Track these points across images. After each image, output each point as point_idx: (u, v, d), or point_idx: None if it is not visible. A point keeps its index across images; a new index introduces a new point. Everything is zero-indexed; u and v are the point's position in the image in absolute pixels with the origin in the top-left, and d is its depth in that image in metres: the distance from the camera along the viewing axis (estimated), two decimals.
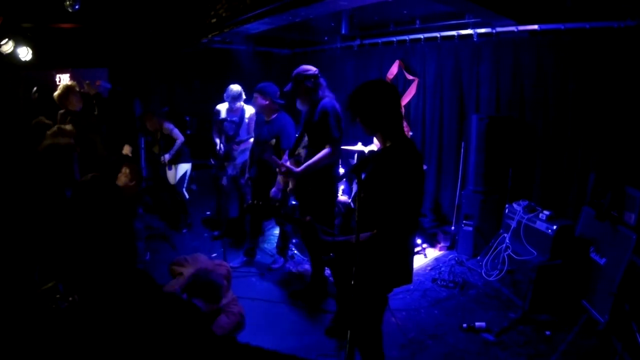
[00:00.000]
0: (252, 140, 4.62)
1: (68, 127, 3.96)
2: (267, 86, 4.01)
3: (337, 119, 3.23)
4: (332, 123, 3.20)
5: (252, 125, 4.83)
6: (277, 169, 3.34)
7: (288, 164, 3.37)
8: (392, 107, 2.09)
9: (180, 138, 5.20)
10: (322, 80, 3.35)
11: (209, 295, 3.19)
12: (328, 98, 3.31)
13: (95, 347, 1.70)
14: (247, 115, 4.88)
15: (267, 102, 3.99)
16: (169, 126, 5.17)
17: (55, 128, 3.91)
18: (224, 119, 4.77)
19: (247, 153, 4.86)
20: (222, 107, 4.96)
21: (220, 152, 4.74)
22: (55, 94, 4.37)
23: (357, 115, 2.14)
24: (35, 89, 4.69)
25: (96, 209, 2.57)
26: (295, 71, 3.40)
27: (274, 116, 4.05)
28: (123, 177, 3.82)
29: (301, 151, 3.40)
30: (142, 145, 5.86)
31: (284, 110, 4.09)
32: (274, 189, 3.80)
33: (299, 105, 3.42)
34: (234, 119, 4.83)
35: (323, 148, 3.22)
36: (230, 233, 4.98)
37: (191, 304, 3.06)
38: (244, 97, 4.87)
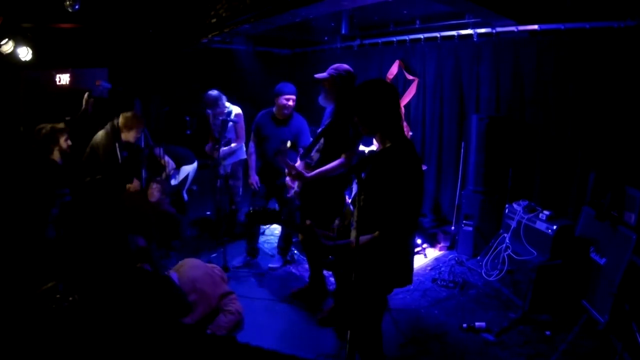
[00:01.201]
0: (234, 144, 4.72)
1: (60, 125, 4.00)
2: (293, 86, 3.96)
3: (357, 129, 3.07)
4: (352, 133, 3.09)
5: (241, 125, 4.82)
6: (287, 172, 3.27)
7: (299, 166, 3.29)
8: (391, 107, 2.08)
9: (170, 164, 5.02)
10: None
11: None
12: None
13: (96, 347, 1.70)
14: (232, 116, 4.75)
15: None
16: (157, 153, 4.93)
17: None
18: (224, 120, 4.72)
19: (239, 154, 4.94)
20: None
21: (209, 154, 4.77)
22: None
23: (355, 114, 2.13)
24: (87, 94, 4.60)
25: (97, 210, 2.58)
26: (338, 65, 3.20)
27: (292, 116, 3.99)
28: (156, 192, 3.85)
29: (314, 155, 3.26)
30: (142, 145, 5.85)
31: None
32: (288, 177, 3.68)
33: (323, 100, 3.26)
34: (217, 121, 4.75)
35: (338, 156, 3.11)
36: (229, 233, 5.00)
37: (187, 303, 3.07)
38: (224, 99, 4.82)
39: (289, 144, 3.75)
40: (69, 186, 3.85)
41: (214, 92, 4.79)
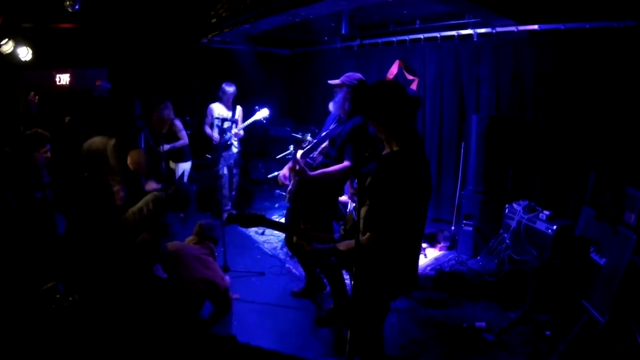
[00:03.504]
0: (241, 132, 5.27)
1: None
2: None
3: (366, 138, 3.08)
4: (361, 141, 3.07)
5: (240, 122, 5.35)
6: (292, 165, 3.19)
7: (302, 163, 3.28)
8: (401, 110, 2.05)
9: (184, 139, 5.37)
10: None
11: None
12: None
13: (95, 347, 1.70)
14: (237, 114, 5.35)
15: None
16: (179, 125, 5.36)
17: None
18: (223, 119, 5.00)
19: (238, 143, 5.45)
20: (215, 106, 5.34)
21: (217, 143, 5.02)
22: None
23: (366, 114, 2.12)
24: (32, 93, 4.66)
25: (94, 208, 2.57)
26: (351, 73, 3.15)
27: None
28: (132, 165, 3.86)
29: (316, 156, 3.24)
30: (142, 145, 5.87)
31: None
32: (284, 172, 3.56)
33: (334, 106, 3.22)
34: (232, 119, 5.21)
35: (342, 160, 3.10)
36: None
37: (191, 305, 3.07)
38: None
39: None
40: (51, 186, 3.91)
41: (232, 88, 5.26)
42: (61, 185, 3.95)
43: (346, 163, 3.08)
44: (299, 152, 3.35)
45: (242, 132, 5.33)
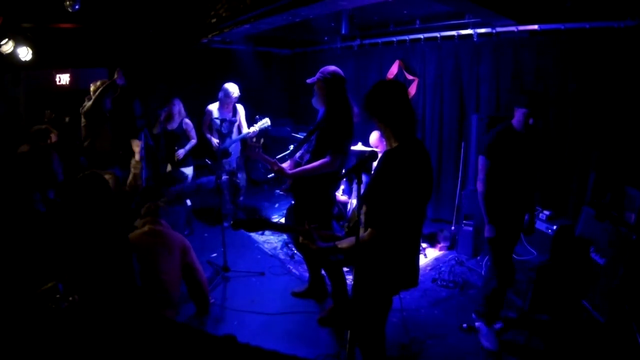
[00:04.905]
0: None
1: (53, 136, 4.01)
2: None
3: (345, 131, 3.08)
4: (339, 134, 3.06)
5: (243, 123, 5.18)
6: (270, 167, 3.21)
7: (289, 164, 3.30)
8: (399, 108, 2.07)
9: (194, 139, 5.35)
10: (349, 97, 3.13)
11: None
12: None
13: (95, 348, 1.70)
14: (238, 115, 5.17)
15: None
16: (189, 124, 5.32)
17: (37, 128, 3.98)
18: (223, 119, 4.93)
19: (239, 147, 5.30)
20: (214, 107, 5.18)
21: (218, 149, 4.88)
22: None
23: (368, 113, 2.13)
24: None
25: (92, 206, 2.56)
26: (325, 67, 3.15)
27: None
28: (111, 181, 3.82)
29: (304, 155, 3.24)
30: (142, 145, 5.88)
31: None
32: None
33: (314, 102, 3.24)
34: (233, 119, 5.05)
35: (324, 156, 3.09)
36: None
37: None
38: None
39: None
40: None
41: (237, 91, 5.02)
42: (65, 185, 3.94)
43: (326, 159, 3.06)
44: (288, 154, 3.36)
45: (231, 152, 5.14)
